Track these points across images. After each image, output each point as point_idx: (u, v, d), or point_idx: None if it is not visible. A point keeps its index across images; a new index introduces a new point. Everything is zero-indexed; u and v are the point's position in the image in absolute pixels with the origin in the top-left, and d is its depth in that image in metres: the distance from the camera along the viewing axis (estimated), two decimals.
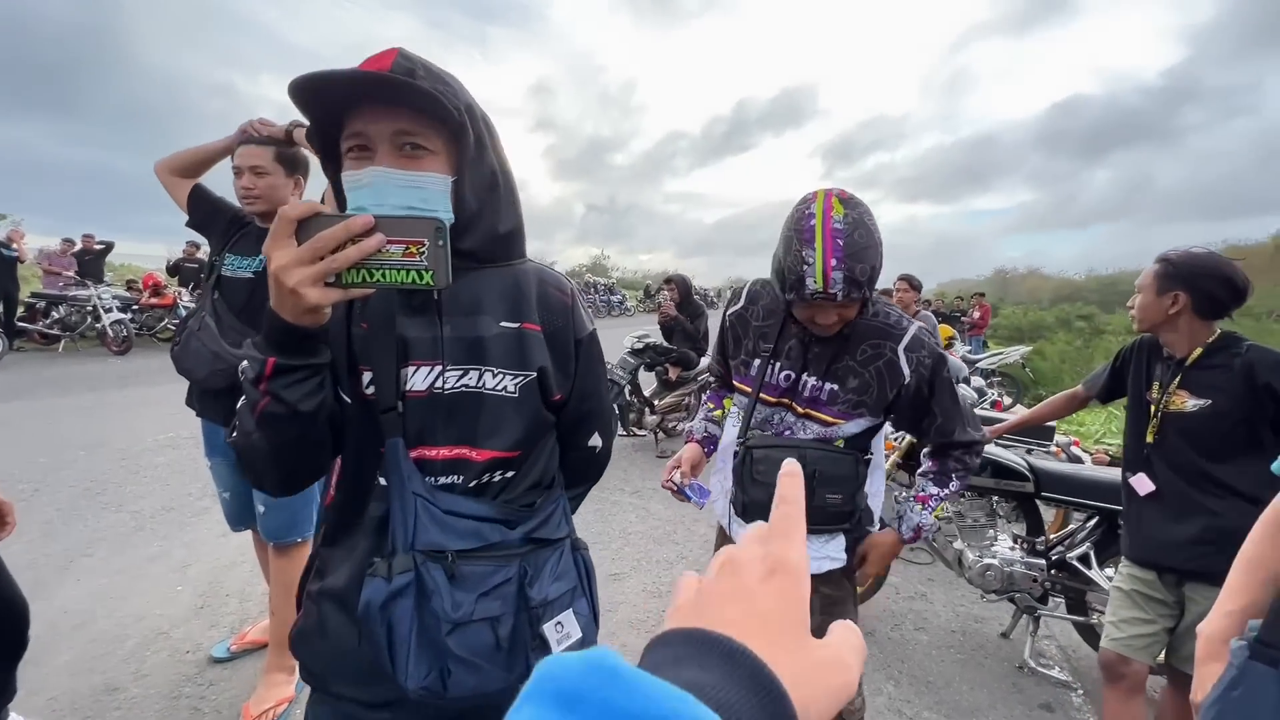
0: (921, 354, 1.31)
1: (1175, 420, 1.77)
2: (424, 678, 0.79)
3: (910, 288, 5.33)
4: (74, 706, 2.02)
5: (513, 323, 0.91)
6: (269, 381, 0.74)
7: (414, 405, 0.85)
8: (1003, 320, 30.70)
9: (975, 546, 2.64)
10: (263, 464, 0.81)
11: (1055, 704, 2.37)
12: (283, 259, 0.67)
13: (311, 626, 0.89)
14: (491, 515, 0.87)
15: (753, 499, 1.33)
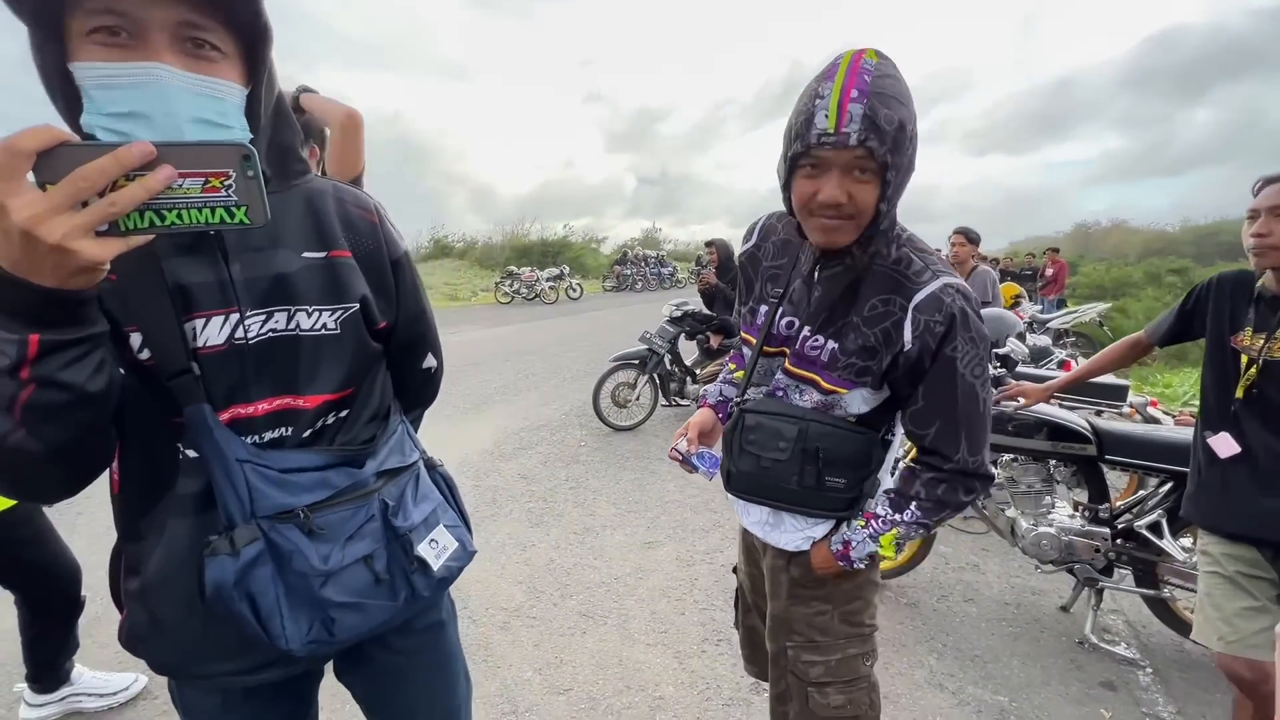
0: (934, 317, 0.98)
1: (1274, 370, 1.54)
2: (307, 634, 0.76)
3: (967, 241, 4.96)
4: (136, 660, 2.17)
5: (318, 252, 0.80)
6: (34, 366, 0.58)
7: (212, 362, 0.73)
8: (1082, 278, 28.57)
9: (1030, 514, 2.44)
10: (37, 469, 0.65)
11: (1119, 682, 2.18)
12: (31, 207, 0.50)
13: (143, 625, 0.79)
14: (334, 461, 0.81)
15: (740, 469, 1.16)
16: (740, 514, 1.31)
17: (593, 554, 3.03)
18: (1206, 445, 1.64)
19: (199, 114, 0.65)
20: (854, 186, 0.93)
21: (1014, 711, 2.03)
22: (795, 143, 0.95)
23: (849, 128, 0.88)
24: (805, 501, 1.13)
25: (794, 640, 1.22)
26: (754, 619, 1.47)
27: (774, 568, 1.26)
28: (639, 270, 24.79)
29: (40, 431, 0.61)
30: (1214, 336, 1.69)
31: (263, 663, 0.82)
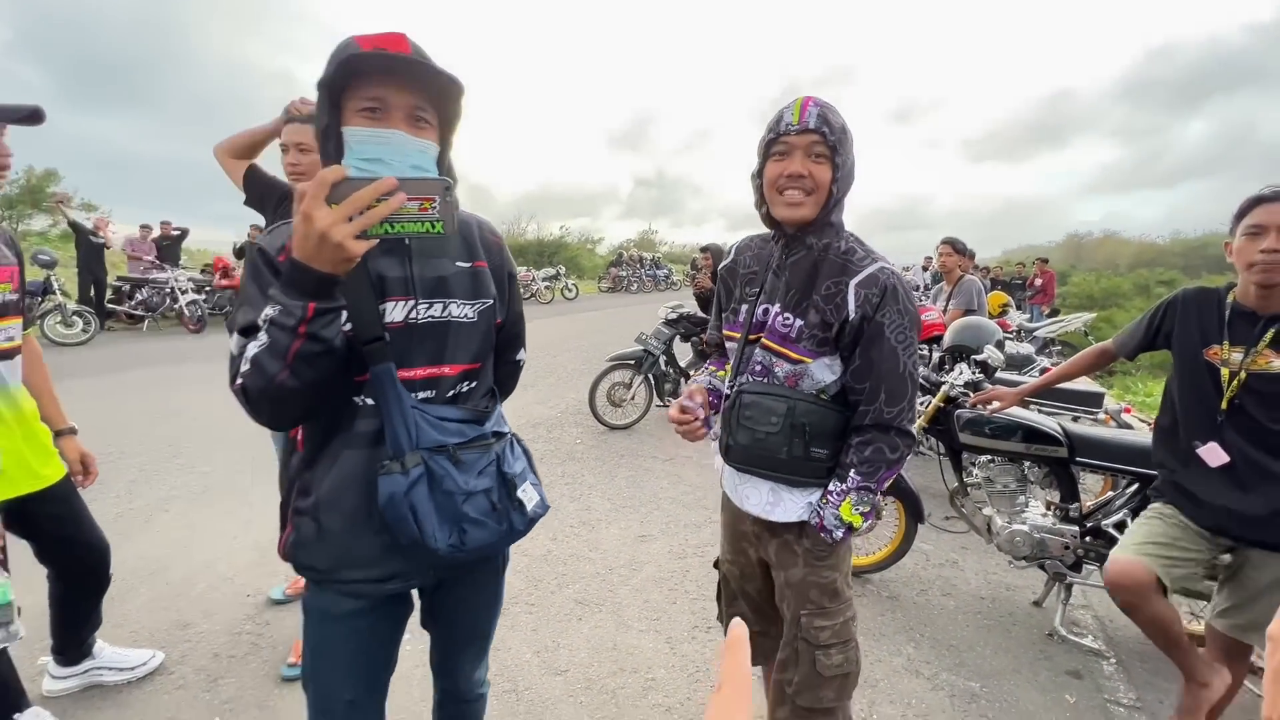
0: (871, 290, 1.24)
1: (1259, 383, 1.68)
2: (449, 538, 1.00)
3: (954, 251, 5.09)
4: (152, 637, 2.27)
5: (467, 262, 1.10)
6: (309, 324, 0.85)
7: (392, 335, 1.00)
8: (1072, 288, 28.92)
9: (1005, 512, 2.58)
10: (291, 404, 0.93)
11: (1084, 671, 2.32)
12: (328, 218, 0.79)
13: (309, 535, 1.03)
14: (467, 417, 1.08)
15: (737, 443, 1.34)
16: (740, 502, 1.43)
17: (588, 546, 3.14)
18: (1192, 451, 1.77)
19: (414, 161, 0.95)
20: (812, 166, 1.23)
21: (984, 696, 2.16)
22: (768, 134, 1.26)
23: (808, 120, 1.21)
24: (794, 470, 1.31)
25: (808, 608, 1.37)
26: (740, 607, 1.58)
27: (784, 542, 1.40)
28: (634, 272, 24.90)
29: (299, 372, 0.88)
30: (1186, 351, 1.81)
31: (390, 574, 1.06)
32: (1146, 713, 2.12)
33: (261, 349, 0.87)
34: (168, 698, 1.98)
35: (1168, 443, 1.88)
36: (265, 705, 1.96)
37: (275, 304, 0.86)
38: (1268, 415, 1.68)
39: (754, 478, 1.38)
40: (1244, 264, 1.66)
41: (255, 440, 4.48)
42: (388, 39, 0.92)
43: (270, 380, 0.87)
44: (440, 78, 0.95)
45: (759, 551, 1.48)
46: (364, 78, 0.94)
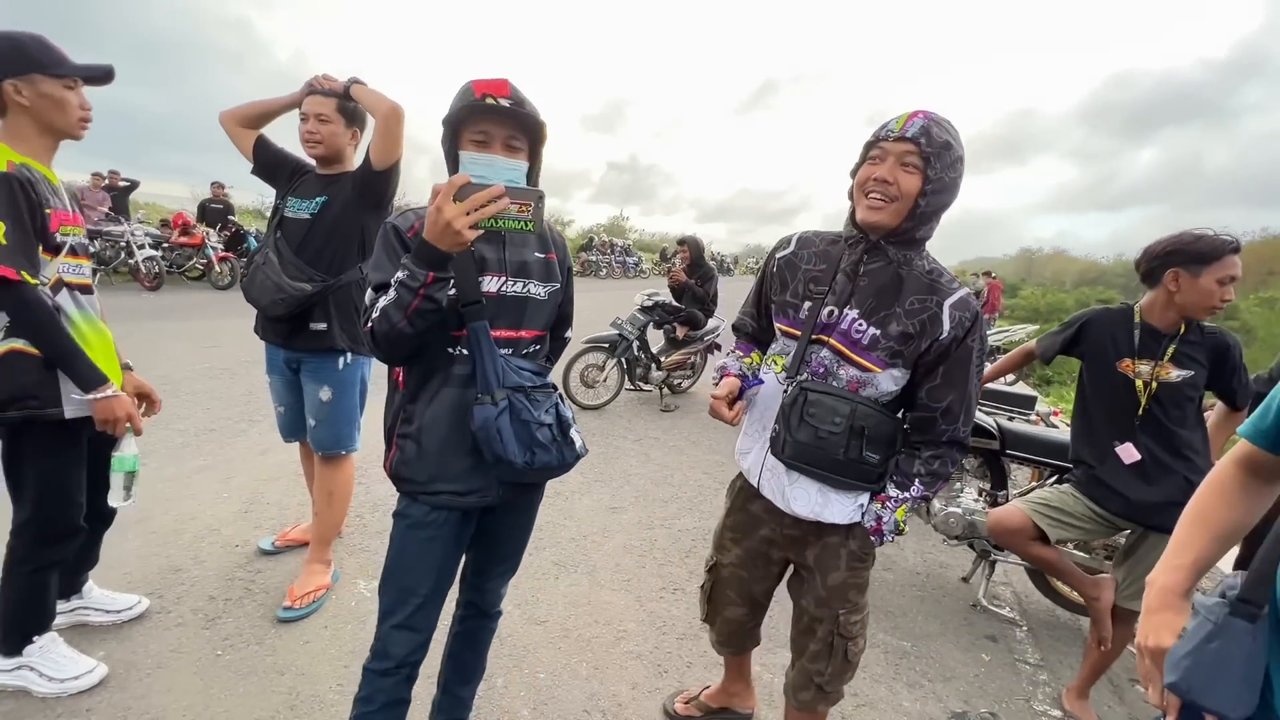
0: (965, 314, 1.28)
1: (1163, 391, 1.98)
2: (524, 456, 1.27)
3: None
4: (145, 580, 2.36)
5: (543, 253, 1.41)
6: (428, 288, 1.13)
7: (487, 301, 1.29)
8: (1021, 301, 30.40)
9: (942, 497, 2.89)
10: (402, 346, 1.22)
11: (999, 636, 2.65)
12: (453, 211, 1.08)
13: (411, 454, 1.32)
14: (535, 370, 1.37)
15: (795, 439, 1.31)
16: (786, 503, 1.41)
17: (563, 515, 3.33)
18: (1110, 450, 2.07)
19: (507, 176, 1.16)
20: (901, 174, 1.24)
21: (914, 654, 2.46)
22: (872, 137, 1.30)
23: (909, 129, 1.23)
24: (845, 471, 1.32)
25: (845, 606, 1.43)
26: (736, 611, 1.64)
27: (829, 546, 1.42)
28: (605, 258, 24.96)
29: (413, 322, 1.16)
30: (1099, 363, 2.11)
31: (471, 489, 1.33)
32: (1049, 670, 2.46)
33: (390, 303, 1.16)
34: (168, 633, 2.10)
35: (1087, 441, 2.19)
36: (264, 641, 2.10)
37: (405, 270, 1.14)
38: (1169, 418, 2.00)
39: (804, 478, 1.36)
40: (1205, 305, 1.89)
41: (228, 400, 4.51)
42: (494, 85, 1.23)
43: (392, 326, 1.17)
44: (527, 120, 1.26)
45: (787, 553, 1.49)
46: (479, 117, 1.25)
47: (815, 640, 1.46)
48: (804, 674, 1.50)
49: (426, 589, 1.38)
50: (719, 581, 1.65)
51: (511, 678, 2.08)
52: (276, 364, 2.31)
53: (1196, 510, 1.03)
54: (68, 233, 1.70)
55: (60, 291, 1.67)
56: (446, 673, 1.70)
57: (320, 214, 2.12)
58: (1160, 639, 0.93)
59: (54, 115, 1.63)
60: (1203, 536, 1.00)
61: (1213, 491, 1.03)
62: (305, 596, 2.29)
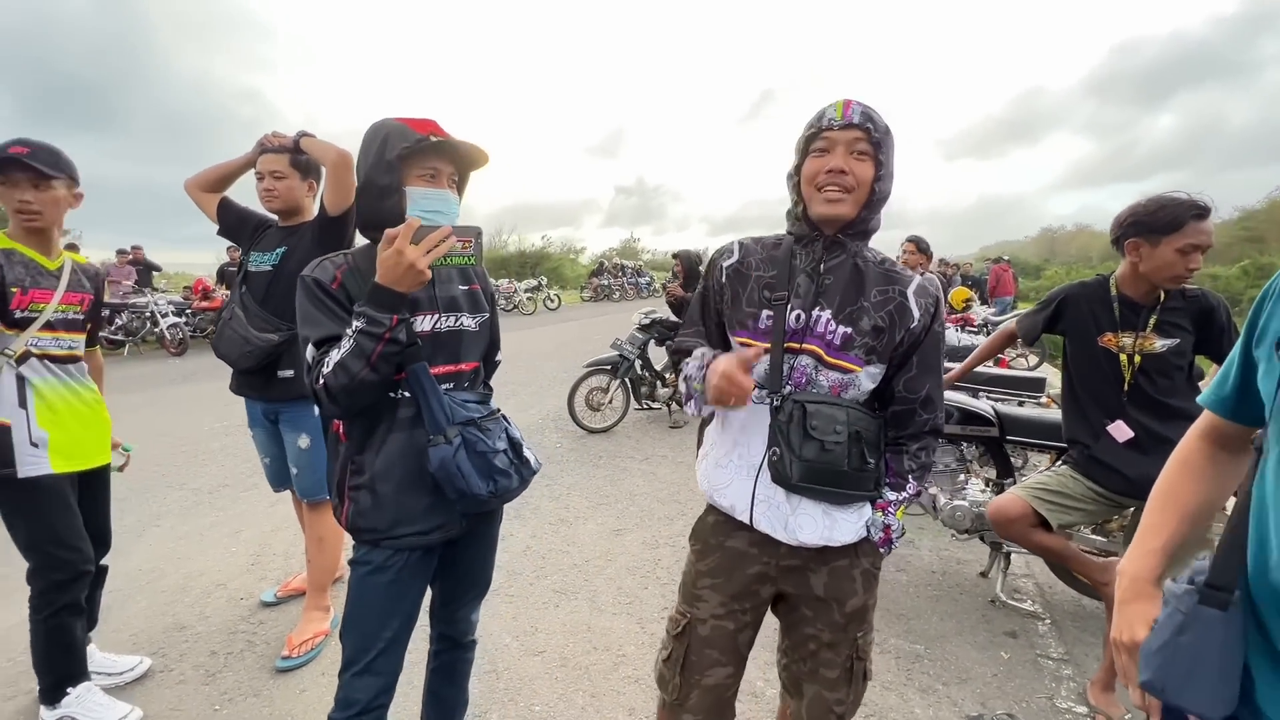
0: (928, 300, 1.26)
1: (1148, 362, 1.91)
2: (487, 487, 1.31)
3: (918, 250, 5.32)
4: (150, 640, 2.40)
5: (466, 285, 1.46)
6: (393, 330, 1.18)
7: (423, 341, 1.32)
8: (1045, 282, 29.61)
9: (947, 490, 2.80)
10: (364, 395, 1.22)
11: (1020, 632, 2.53)
12: (414, 253, 1.15)
13: (367, 505, 1.32)
14: (479, 399, 1.43)
15: (804, 458, 1.19)
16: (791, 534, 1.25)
17: (565, 541, 3.31)
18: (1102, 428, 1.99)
19: (453, 210, 1.30)
20: (853, 163, 1.19)
21: (927, 657, 2.36)
22: (809, 130, 1.23)
23: (852, 116, 1.19)
24: (851, 483, 1.22)
25: (863, 629, 1.31)
26: (720, 673, 1.32)
27: (838, 570, 1.28)
28: (617, 280, 25.12)
29: (377, 368, 1.18)
30: (1082, 340, 2.04)
31: (434, 526, 1.35)
32: (1074, 664, 2.33)
33: (347, 354, 1.17)
34: (169, 691, 2.12)
35: (1079, 421, 2.11)
36: (261, 694, 2.11)
37: (363, 318, 1.17)
38: (1157, 389, 1.92)
39: (806, 501, 1.24)
40: (1168, 274, 1.82)
41: (241, 456, 4.61)
42: (426, 123, 1.30)
43: (353, 377, 1.18)
44: (473, 154, 1.36)
45: (782, 587, 1.32)
46: (424, 154, 1.30)
47: (832, 668, 1.31)
48: (821, 706, 1.31)
49: (390, 632, 1.37)
50: (695, 643, 1.33)
51: (506, 711, 2.05)
52: (256, 417, 2.36)
53: (1164, 489, 0.97)
54: (37, 309, 1.82)
55: (26, 361, 1.80)
56: (427, 711, 1.68)
57: (281, 264, 2.18)
58: (1134, 632, 0.87)
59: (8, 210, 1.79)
60: (1173, 517, 0.94)
61: (1179, 468, 0.97)
62: (303, 645, 2.30)
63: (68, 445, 1.88)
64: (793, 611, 1.34)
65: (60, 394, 1.88)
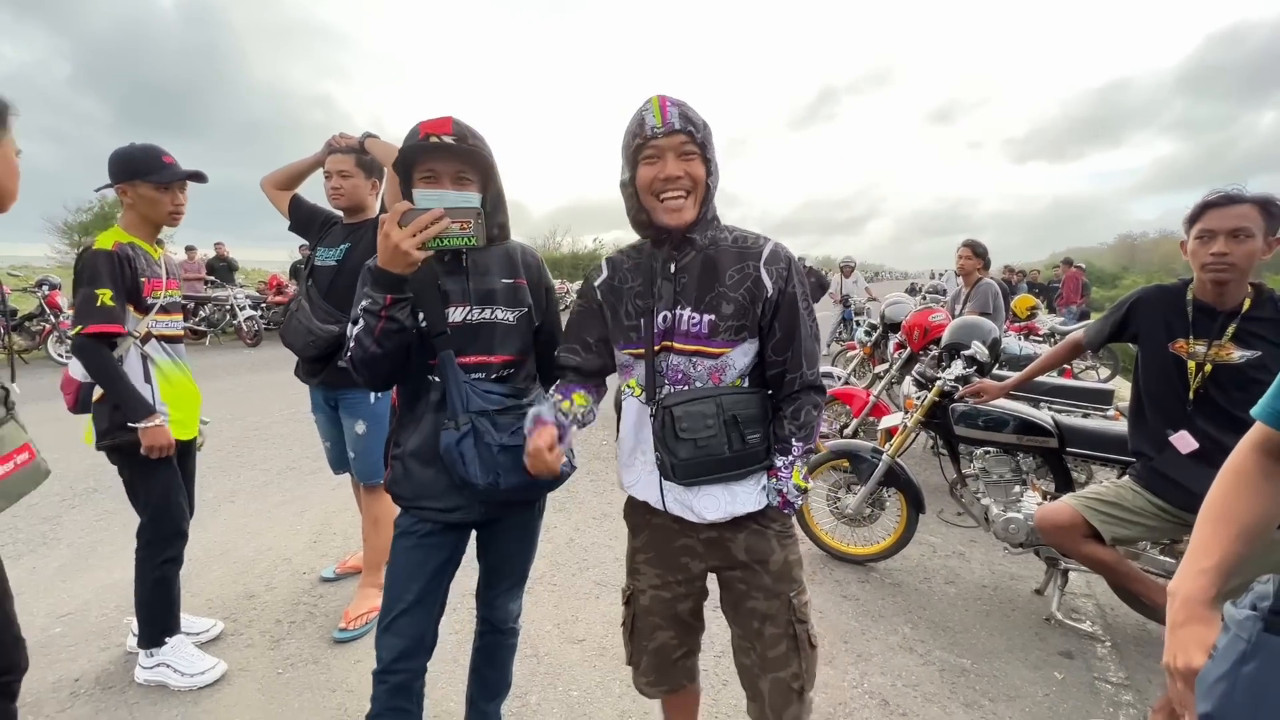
0: (778, 265, 1.30)
1: (1222, 373, 1.81)
2: (487, 478, 1.36)
3: (973, 254, 5.14)
4: (223, 606, 2.59)
5: (509, 279, 1.48)
6: (389, 309, 1.26)
7: (454, 330, 1.40)
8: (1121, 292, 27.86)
9: (1000, 501, 2.70)
10: (378, 367, 1.33)
11: (1077, 653, 2.41)
12: (398, 235, 1.20)
13: (400, 473, 1.46)
14: (508, 393, 1.45)
15: (680, 458, 1.26)
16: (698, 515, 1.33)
17: (609, 535, 3.36)
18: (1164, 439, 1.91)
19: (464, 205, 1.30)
20: (686, 165, 1.24)
21: (974, 671, 2.28)
22: (635, 140, 1.25)
23: (671, 120, 1.22)
24: (739, 463, 1.30)
25: (794, 588, 1.36)
26: (663, 637, 1.47)
27: (754, 533, 1.36)
28: None
29: (383, 344, 1.28)
30: (1153, 345, 1.95)
31: (452, 507, 1.44)
32: (1134, 690, 2.21)
33: (360, 330, 1.29)
34: (238, 653, 2.29)
35: (1142, 431, 2.01)
36: (320, 661, 2.25)
37: (366, 297, 1.28)
38: (1230, 401, 1.81)
39: (706, 486, 1.32)
40: (1197, 265, 1.80)
41: (307, 442, 4.89)
42: (437, 124, 1.33)
43: (365, 350, 1.30)
44: (473, 154, 1.36)
45: (709, 562, 1.41)
46: (424, 155, 1.35)
47: (776, 642, 1.36)
48: (781, 688, 1.36)
49: (411, 596, 1.44)
50: (639, 612, 1.48)
51: (545, 695, 2.12)
52: (318, 403, 2.51)
53: (1216, 506, 0.92)
54: (157, 296, 2.08)
55: (149, 342, 2.07)
56: (471, 688, 1.76)
57: (344, 259, 2.32)
58: (1190, 657, 0.83)
59: (150, 210, 2.06)
60: (1226, 534, 0.89)
61: (1232, 483, 0.92)
62: (358, 619, 2.43)
63: (178, 416, 2.10)
64: (730, 590, 1.41)
65: (172, 370, 2.12)
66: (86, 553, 3.07)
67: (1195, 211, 1.80)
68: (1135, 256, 61.90)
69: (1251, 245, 1.70)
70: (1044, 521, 2.06)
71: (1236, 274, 1.74)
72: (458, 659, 2.20)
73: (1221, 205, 1.74)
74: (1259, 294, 1.77)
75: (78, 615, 2.53)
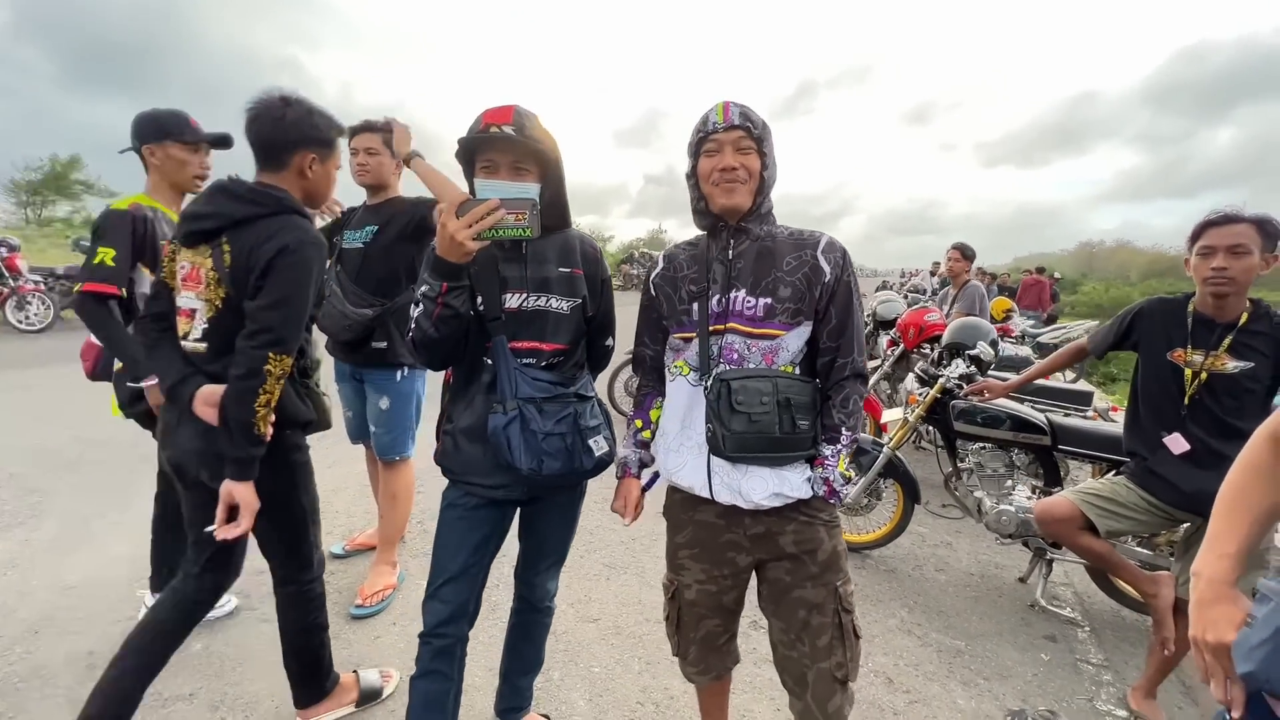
0: (835, 254, 1.37)
1: (1216, 381, 1.94)
2: (530, 462, 1.38)
3: (962, 256, 5.33)
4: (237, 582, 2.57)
5: (566, 268, 1.50)
6: (445, 297, 1.30)
7: (509, 316, 1.43)
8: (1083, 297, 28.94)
9: (993, 494, 2.85)
10: (436, 350, 1.39)
11: (1060, 637, 2.58)
12: (455, 225, 1.23)
13: (450, 448, 1.51)
14: (556, 380, 1.47)
15: (732, 430, 1.30)
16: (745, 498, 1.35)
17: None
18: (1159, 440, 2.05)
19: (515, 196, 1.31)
20: (742, 158, 1.32)
21: (968, 653, 2.43)
22: (698, 135, 1.36)
23: (732, 118, 1.32)
24: (786, 446, 1.33)
25: (840, 577, 1.39)
26: (709, 624, 1.51)
27: (803, 524, 1.38)
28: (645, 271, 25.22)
29: (439, 328, 1.34)
30: (1152, 353, 2.08)
31: (497, 484, 1.47)
32: (1113, 670, 2.39)
33: (420, 313, 1.34)
34: (256, 628, 2.29)
35: (1138, 433, 2.15)
36: (339, 636, 2.26)
37: (425, 284, 1.33)
38: (1223, 409, 1.95)
39: (753, 467, 1.35)
40: (1199, 279, 1.93)
41: None
42: (496, 113, 1.35)
43: (424, 334, 1.35)
44: (526, 146, 1.36)
45: (756, 555, 1.42)
46: (482, 144, 1.38)
47: (823, 632, 1.38)
48: (825, 679, 1.38)
49: (456, 566, 1.50)
50: (684, 605, 1.52)
51: (568, 671, 2.18)
52: (344, 373, 2.52)
53: (1234, 493, 1.00)
54: None
55: None
56: (506, 663, 1.81)
57: (372, 241, 2.32)
58: (1220, 633, 0.90)
59: (177, 173, 2.06)
60: (1244, 520, 0.97)
61: (1248, 471, 1.00)
62: (374, 595, 2.45)
63: None
64: (774, 584, 1.43)
65: None
66: (80, 525, 3.00)
67: (1197, 230, 1.91)
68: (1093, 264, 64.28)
69: (1249, 261, 1.83)
70: (1044, 515, 2.20)
71: (1235, 288, 1.86)
72: (477, 635, 2.24)
73: (1221, 224, 1.86)
74: (1256, 308, 1.90)
75: (84, 589, 2.49)
